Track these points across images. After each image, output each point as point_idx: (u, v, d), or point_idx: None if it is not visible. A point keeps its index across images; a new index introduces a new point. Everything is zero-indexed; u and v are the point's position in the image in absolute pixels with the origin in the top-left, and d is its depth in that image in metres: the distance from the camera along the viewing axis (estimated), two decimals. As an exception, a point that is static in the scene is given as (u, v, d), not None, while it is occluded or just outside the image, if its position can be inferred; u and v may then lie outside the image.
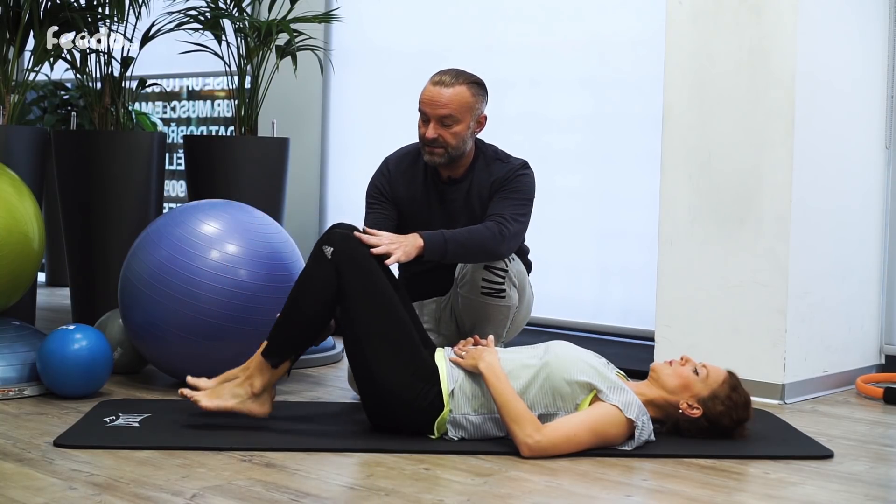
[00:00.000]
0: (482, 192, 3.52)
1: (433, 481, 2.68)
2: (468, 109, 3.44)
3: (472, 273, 3.42)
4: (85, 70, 4.76)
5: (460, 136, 3.45)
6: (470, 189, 3.54)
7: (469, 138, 3.49)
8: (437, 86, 3.43)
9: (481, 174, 3.54)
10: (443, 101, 3.41)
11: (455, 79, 3.44)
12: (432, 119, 3.43)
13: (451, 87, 3.42)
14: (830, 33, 3.90)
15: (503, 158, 3.58)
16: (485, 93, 3.51)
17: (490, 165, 3.55)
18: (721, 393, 3.01)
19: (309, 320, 3.07)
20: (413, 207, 3.57)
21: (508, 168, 3.53)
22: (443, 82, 3.43)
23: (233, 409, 3.05)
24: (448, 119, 3.42)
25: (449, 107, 3.41)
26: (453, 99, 3.42)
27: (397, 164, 3.62)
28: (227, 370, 3.19)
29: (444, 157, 3.47)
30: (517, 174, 3.51)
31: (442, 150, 3.45)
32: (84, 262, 4.50)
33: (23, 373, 3.59)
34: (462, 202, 3.54)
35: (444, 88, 3.42)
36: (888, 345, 4.23)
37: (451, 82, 3.43)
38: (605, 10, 5.05)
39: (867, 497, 2.65)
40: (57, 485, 2.57)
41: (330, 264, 3.04)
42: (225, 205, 3.78)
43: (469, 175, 3.55)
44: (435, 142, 3.44)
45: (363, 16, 5.84)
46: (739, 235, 3.82)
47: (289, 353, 3.09)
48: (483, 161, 3.56)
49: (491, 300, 3.43)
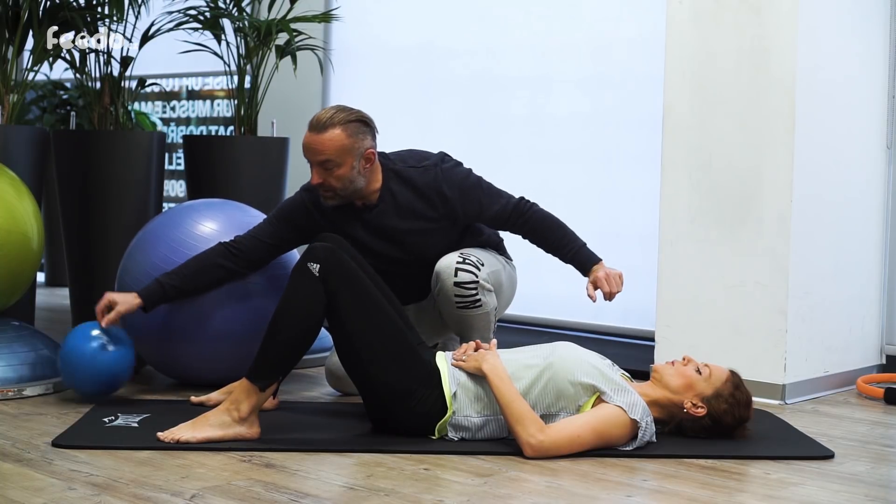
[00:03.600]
0: (413, 206, 3.45)
1: (433, 481, 2.68)
2: (346, 152, 3.33)
3: (443, 291, 3.41)
4: (84, 70, 4.75)
5: (345, 178, 3.36)
6: (396, 208, 3.45)
7: (358, 176, 3.38)
8: (311, 131, 3.34)
9: (401, 189, 3.45)
10: (318, 147, 3.32)
11: (328, 122, 3.32)
12: (313, 165, 3.36)
13: (324, 132, 3.32)
14: (831, 33, 3.90)
15: (415, 164, 3.50)
16: (366, 128, 3.38)
17: (404, 177, 3.46)
18: (724, 391, 3.01)
19: (297, 339, 2.98)
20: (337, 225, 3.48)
21: (428, 172, 3.45)
22: (315, 128, 3.34)
23: (221, 437, 2.95)
24: (328, 164, 3.33)
25: (325, 153, 3.32)
26: (328, 145, 3.32)
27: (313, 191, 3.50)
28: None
29: (337, 199, 3.41)
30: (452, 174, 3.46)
31: (331, 194, 3.39)
32: (83, 262, 4.50)
33: (22, 373, 3.58)
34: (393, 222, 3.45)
35: (317, 134, 3.33)
36: (889, 345, 4.23)
37: (324, 126, 3.32)
38: (605, 10, 5.04)
39: (868, 497, 2.65)
40: (56, 485, 2.56)
41: (317, 281, 2.97)
42: (220, 204, 3.78)
43: (386, 196, 3.45)
44: (322, 186, 3.37)
45: (363, 15, 5.83)
46: (740, 235, 3.81)
47: (276, 375, 2.99)
48: (395, 177, 3.47)
49: (468, 311, 3.43)
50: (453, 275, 3.38)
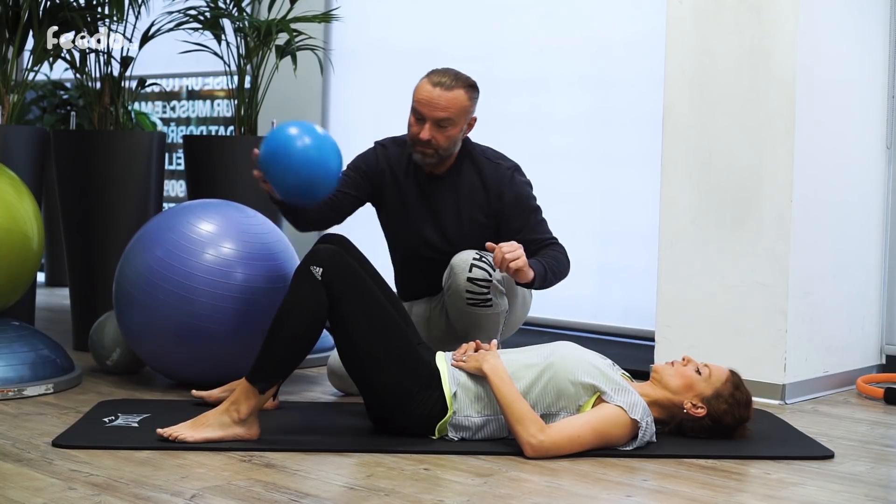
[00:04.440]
0: (474, 193, 3.52)
1: (433, 481, 2.68)
2: (463, 113, 3.44)
3: (455, 285, 3.41)
4: (84, 70, 4.75)
5: (452, 139, 3.46)
6: (457, 187, 3.54)
7: (459, 140, 3.50)
8: (436, 87, 3.41)
9: (469, 173, 3.54)
10: (441, 104, 3.40)
11: (454, 81, 3.43)
12: (428, 120, 3.42)
13: (450, 91, 3.41)
14: (831, 32, 3.90)
15: (491, 158, 3.58)
16: (478, 95, 3.50)
17: (477, 164, 3.55)
18: (724, 391, 3.02)
19: (299, 343, 2.97)
20: (394, 195, 3.58)
21: (501, 173, 3.53)
22: (442, 84, 3.41)
23: (220, 438, 2.94)
24: (445, 122, 3.41)
25: (448, 110, 3.40)
26: (452, 103, 3.41)
27: (387, 149, 3.62)
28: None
29: (434, 158, 3.48)
30: (519, 186, 3.52)
31: (432, 151, 3.45)
32: (83, 262, 4.50)
33: (22, 373, 3.58)
34: (449, 199, 3.54)
35: (443, 91, 3.41)
36: (889, 345, 4.23)
37: (450, 85, 3.41)
38: (605, 10, 5.04)
39: (868, 497, 2.65)
40: (56, 485, 2.56)
41: (320, 284, 2.96)
42: (218, 205, 3.77)
43: (454, 173, 3.55)
44: (427, 143, 3.43)
45: (363, 15, 5.84)
46: (740, 235, 3.81)
47: (277, 378, 2.99)
48: (469, 160, 3.56)
49: (478, 310, 3.42)
50: (467, 270, 3.37)
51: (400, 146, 3.62)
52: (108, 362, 3.91)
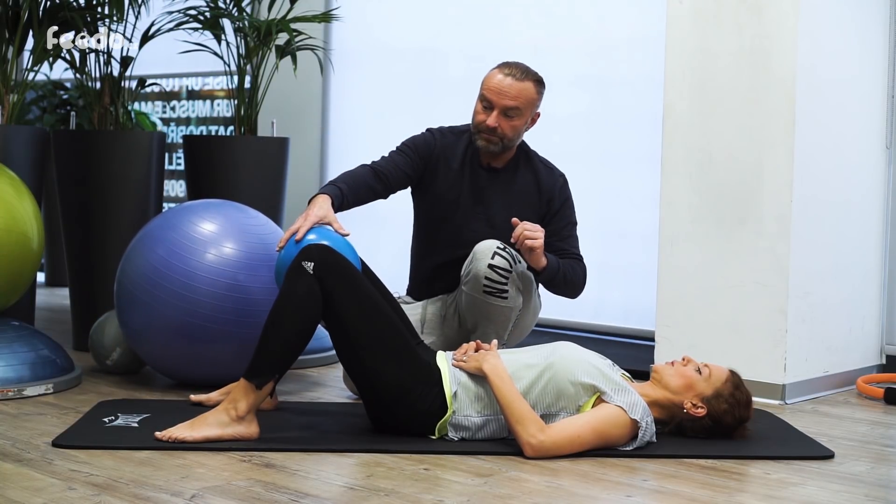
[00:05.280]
0: (528, 193, 3.59)
1: (433, 481, 2.68)
2: (530, 106, 3.52)
3: (475, 270, 3.40)
4: (84, 70, 4.75)
5: (517, 130, 3.53)
6: (512, 183, 3.59)
7: (522, 133, 3.57)
8: (507, 77, 3.48)
9: (525, 172, 3.61)
10: (512, 93, 3.47)
11: (524, 74, 3.50)
12: (496, 108, 3.47)
13: (521, 82, 3.49)
14: (831, 33, 3.90)
15: (546, 164, 3.67)
16: (544, 91, 3.57)
17: (533, 166, 3.63)
18: (725, 391, 3.02)
19: (293, 338, 2.98)
20: (444, 183, 3.59)
21: (555, 180, 3.63)
22: (513, 74, 3.49)
23: (219, 437, 2.94)
24: (513, 111, 3.48)
25: (517, 100, 3.47)
26: (521, 93, 3.48)
27: (443, 136, 3.65)
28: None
29: (498, 147, 3.52)
30: (567, 197, 3.64)
31: (497, 140, 3.51)
32: (83, 262, 4.50)
33: (22, 373, 3.58)
34: (502, 193, 3.58)
35: (514, 81, 3.48)
36: (889, 345, 4.23)
37: (520, 76, 3.49)
38: (605, 10, 5.04)
39: (868, 497, 2.65)
40: (56, 485, 2.56)
41: (312, 279, 2.97)
42: (219, 205, 3.77)
43: (510, 169, 3.60)
44: (493, 131, 3.48)
45: (363, 15, 5.83)
46: (739, 235, 3.81)
47: (273, 373, 2.99)
48: (525, 159, 3.63)
49: (493, 299, 3.42)
50: (490, 257, 3.38)
51: (456, 136, 3.65)
52: (108, 362, 3.91)
